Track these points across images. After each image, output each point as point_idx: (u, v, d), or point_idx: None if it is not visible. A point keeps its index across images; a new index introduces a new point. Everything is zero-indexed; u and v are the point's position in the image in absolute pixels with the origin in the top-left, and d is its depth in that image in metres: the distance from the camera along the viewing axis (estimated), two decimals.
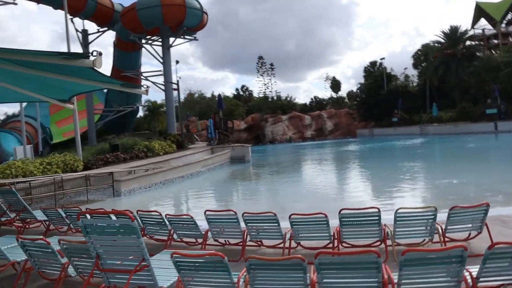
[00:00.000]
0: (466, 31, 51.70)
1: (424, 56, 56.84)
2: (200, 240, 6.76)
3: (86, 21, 39.87)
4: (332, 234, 5.98)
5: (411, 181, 15.89)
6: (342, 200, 12.63)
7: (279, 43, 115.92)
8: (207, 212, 6.54)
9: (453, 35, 51.57)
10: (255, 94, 74.29)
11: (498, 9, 60.54)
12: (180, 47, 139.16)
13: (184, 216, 6.77)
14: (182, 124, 36.80)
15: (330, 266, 3.47)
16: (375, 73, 63.88)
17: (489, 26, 61.86)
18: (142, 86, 40.24)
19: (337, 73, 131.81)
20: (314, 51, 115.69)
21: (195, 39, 42.47)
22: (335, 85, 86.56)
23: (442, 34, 53.07)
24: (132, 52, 41.06)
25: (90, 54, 5.01)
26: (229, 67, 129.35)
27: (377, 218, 5.75)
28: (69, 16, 38.67)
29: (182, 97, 74.09)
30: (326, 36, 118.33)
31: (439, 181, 15.24)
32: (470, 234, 6.11)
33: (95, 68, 5.07)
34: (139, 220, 7.12)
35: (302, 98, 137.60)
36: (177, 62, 51.96)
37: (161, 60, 39.41)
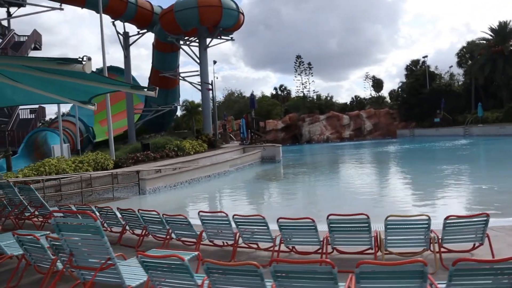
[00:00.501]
0: None
1: (470, 54, 54.56)
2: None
3: (126, 24, 41.07)
4: (321, 239, 5.89)
5: (442, 187, 15.30)
6: (359, 206, 12.35)
7: (322, 42, 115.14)
8: (201, 213, 6.58)
9: (502, 31, 49.19)
10: (294, 94, 74.06)
11: None
12: (222, 47, 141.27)
13: (179, 217, 6.85)
14: (216, 124, 37.23)
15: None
16: (417, 72, 62.10)
17: None
18: (179, 88, 41.16)
19: (381, 72, 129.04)
20: (358, 50, 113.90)
21: (232, 39, 42.93)
22: (377, 84, 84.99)
23: (490, 31, 50.80)
24: (170, 53, 41.97)
25: (81, 60, 5.20)
26: (271, 67, 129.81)
27: (367, 225, 5.61)
28: (110, 19, 40.29)
29: (221, 96, 75.41)
30: (370, 34, 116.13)
31: (473, 186, 14.65)
32: (475, 245, 5.83)
33: (86, 72, 5.25)
34: (140, 218, 7.32)
35: (344, 97, 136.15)
36: (215, 62, 52.73)
37: (198, 61, 40.13)
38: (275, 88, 77.53)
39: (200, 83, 40.22)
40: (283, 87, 76.15)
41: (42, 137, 34.38)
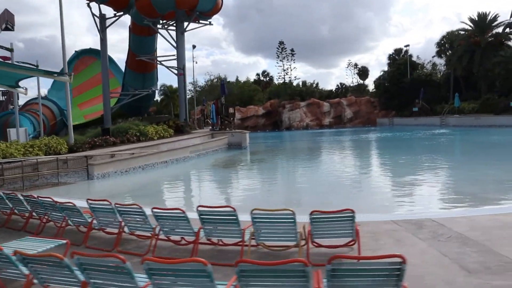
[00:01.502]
0: (495, 18, 49.15)
1: (450, 44, 54.61)
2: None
3: (103, 6, 40.32)
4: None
5: (398, 177, 15.29)
6: (301, 198, 12.23)
7: (313, 28, 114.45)
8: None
9: (481, 22, 49.22)
10: (276, 80, 73.63)
11: None
12: (213, 31, 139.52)
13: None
14: (186, 109, 37.07)
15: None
16: (399, 61, 62.13)
17: None
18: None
19: (372, 60, 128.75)
20: (349, 37, 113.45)
21: (210, 24, 42.52)
22: (362, 72, 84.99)
23: (470, 21, 50.79)
24: (147, 37, 41.38)
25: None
26: (261, 52, 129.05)
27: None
28: (85, 1, 39.62)
29: (203, 81, 74.83)
30: (361, 22, 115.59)
31: (435, 178, 14.64)
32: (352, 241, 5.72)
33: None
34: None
35: (334, 84, 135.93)
36: (194, 47, 52.48)
37: (175, 45, 39.75)
38: (258, 74, 77.24)
39: (177, 68, 39.95)
40: (265, 72, 75.88)
41: (13, 119, 33.95)
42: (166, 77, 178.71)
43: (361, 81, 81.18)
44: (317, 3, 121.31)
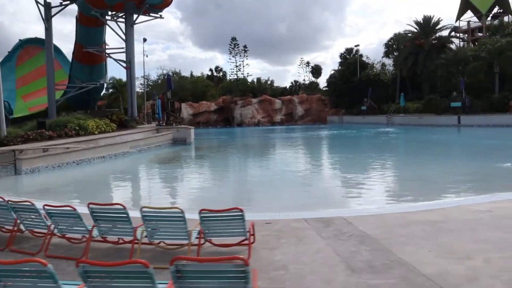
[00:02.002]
0: (438, 22, 51.35)
1: (397, 46, 56.50)
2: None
3: None
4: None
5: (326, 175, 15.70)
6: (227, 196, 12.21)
7: (271, 25, 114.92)
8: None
9: (426, 25, 51.25)
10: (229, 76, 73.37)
11: (485, 2, 60.20)
12: (171, 25, 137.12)
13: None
14: (135, 103, 36.44)
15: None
16: (349, 61, 63.55)
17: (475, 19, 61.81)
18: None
19: (328, 59, 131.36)
20: (306, 36, 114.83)
21: (161, 17, 42.02)
22: (316, 70, 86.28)
23: (415, 24, 52.73)
24: (94, 28, 40.15)
25: None
26: (219, 48, 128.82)
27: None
28: None
29: (155, 76, 73.55)
30: (319, 21, 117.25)
31: (366, 176, 14.96)
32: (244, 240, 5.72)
33: None
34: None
35: (290, 82, 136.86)
36: (145, 40, 51.42)
37: (124, 37, 38.89)
38: (211, 70, 76.76)
39: (126, 62, 39.12)
40: (219, 68, 75.51)
41: None
42: (116, 70, 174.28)
43: (314, 79, 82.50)
44: (276, 0, 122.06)
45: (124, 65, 38.70)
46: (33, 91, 48.59)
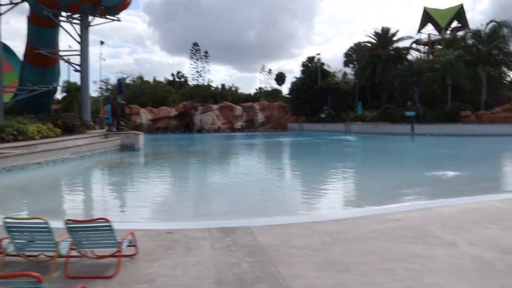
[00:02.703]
0: (395, 33, 52.62)
1: (356, 55, 57.44)
2: None
3: None
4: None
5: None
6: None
7: (241, 32, 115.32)
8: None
9: (383, 36, 52.33)
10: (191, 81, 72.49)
11: (444, 16, 62.26)
12: (138, 28, 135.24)
13: None
14: (85, 108, 35.47)
15: None
16: (311, 69, 64.10)
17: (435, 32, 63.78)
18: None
19: (296, 66, 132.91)
20: (275, 43, 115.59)
21: (118, 20, 41.14)
22: (280, 78, 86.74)
23: (374, 34, 53.75)
24: (47, 28, 38.86)
25: None
26: (187, 53, 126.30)
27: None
28: None
29: (114, 80, 71.95)
30: (288, 29, 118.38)
31: (303, 184, 14.81)
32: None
33: None
34: None
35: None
36: (102, 42, 50.54)
37: (79, 40, 37.87)
38: (172, 75, 75.85)
39: (79, 65, 38.10)
40: (180, 73, 74.71)
41: None
42: (73, 73, 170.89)
43: (279, 87, 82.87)
44: (246, 7, 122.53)
45: (75, 68, 37.73)
46: None
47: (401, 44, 54.09)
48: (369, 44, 54.66)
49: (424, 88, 45.34)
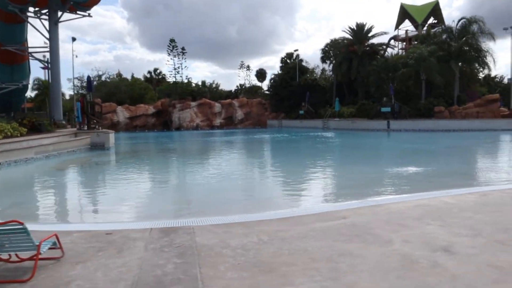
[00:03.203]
0: (370, 29, 52.88)
1: (333, 51, 57.62)
2: None
3: None
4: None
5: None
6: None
7: (222, 28, 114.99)
8: None
9: (359, 32, 52.56)
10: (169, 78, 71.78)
11: (421, 12, 62.89)
12: (117, 24, 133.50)
13: None
14: (55, 106, 34.82)
15: None
16: (289, 65, 64.12)
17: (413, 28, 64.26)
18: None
19: (277, 63, 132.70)
20: (256, 39, 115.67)
21: (89, 15, 40.42)
22: (261, 74, 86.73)
23: (350, 30, 53.95)
24: (14, 24, 37.92)
25: None
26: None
27: None
28: None
29: (95, 77, 70.99)
30: (269, 25, 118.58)
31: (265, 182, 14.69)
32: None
33: None
34: None
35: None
36: (74, 39, 49.62)
37: (47, 36, 37.14)
38: (149, 72, 75.06)
39: (47, 61, 37.40)
40: (157, 70, 73.97)
41: None
42: (46, 71, 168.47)
43: (259, 83, 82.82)
44: (227, 3, 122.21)
45: (44, 65, 37.03)
46: None
47: (377, 40, 54.66)
48: (345, 40, 54.81)
49: (399, 84, 45.73)
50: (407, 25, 66.32)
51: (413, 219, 7.11)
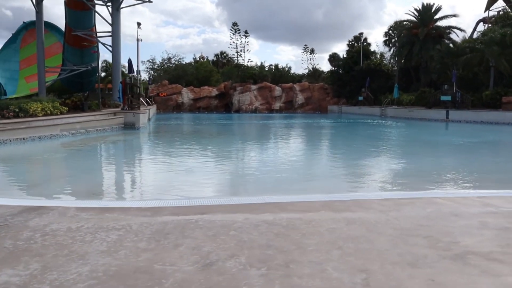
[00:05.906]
0: (437, 10, 49.34)
1: (395, 35, 54.93)
2: None
3: None
4: None
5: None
6: None
7: (309, 11, 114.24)
8: None
9: (424, 14, 49.42)
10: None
11: None
12: (207, 9, 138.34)
13: None
14: (113, 86, 37.15)
15: None
16: (354, 49, 62.31)
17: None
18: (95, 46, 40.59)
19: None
20: (343, 23, 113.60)
21: (149, 1, 42.47)
22: (334, 58, 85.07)
23: (415, 11, 50.90)
24: (81, 11, 40.97)
25: None
26: (254, 33, 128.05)
27: None
28: None
29: (159, 60, 73.97)
30: (356, 8, 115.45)
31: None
32: None
33: None
34: None
35: (325, 68, 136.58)
36: (139, 24, 52.11)
37: (110, 22, 39.72)
38: (216, 55, 76.85)
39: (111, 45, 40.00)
40: (224, 53, 75.47)
41: None
42: (125, 55, 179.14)
43: (333, 68, 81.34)
44: None
45: (109, 49, 39.67)
46: (35, 72, 50.27)
47: (446, 23, 50.72)
48: (408, 23, 51.86)
49: (466, 71, 42.65)
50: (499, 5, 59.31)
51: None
